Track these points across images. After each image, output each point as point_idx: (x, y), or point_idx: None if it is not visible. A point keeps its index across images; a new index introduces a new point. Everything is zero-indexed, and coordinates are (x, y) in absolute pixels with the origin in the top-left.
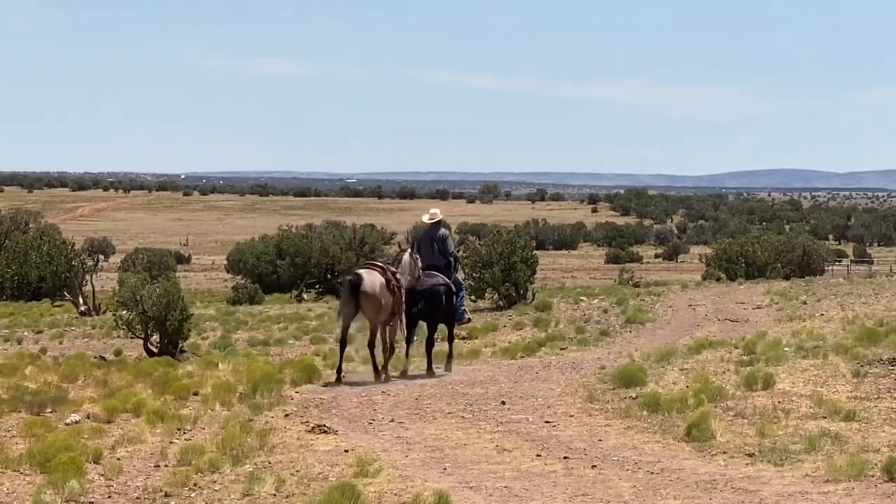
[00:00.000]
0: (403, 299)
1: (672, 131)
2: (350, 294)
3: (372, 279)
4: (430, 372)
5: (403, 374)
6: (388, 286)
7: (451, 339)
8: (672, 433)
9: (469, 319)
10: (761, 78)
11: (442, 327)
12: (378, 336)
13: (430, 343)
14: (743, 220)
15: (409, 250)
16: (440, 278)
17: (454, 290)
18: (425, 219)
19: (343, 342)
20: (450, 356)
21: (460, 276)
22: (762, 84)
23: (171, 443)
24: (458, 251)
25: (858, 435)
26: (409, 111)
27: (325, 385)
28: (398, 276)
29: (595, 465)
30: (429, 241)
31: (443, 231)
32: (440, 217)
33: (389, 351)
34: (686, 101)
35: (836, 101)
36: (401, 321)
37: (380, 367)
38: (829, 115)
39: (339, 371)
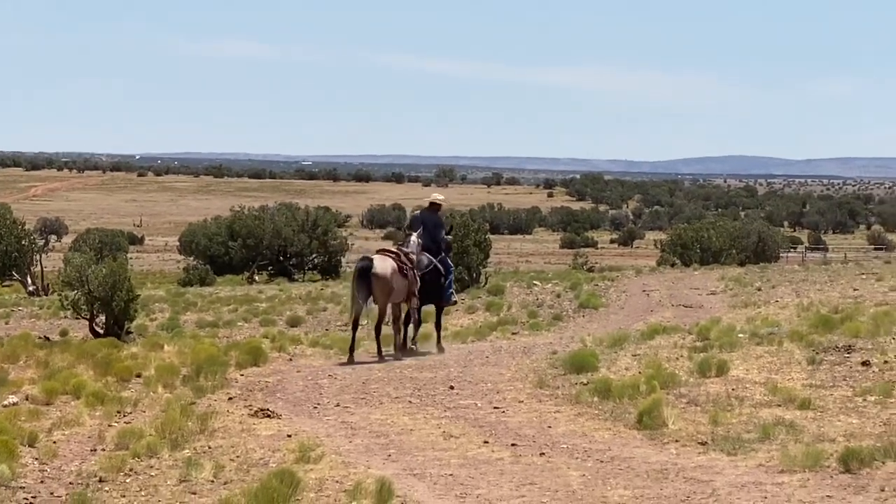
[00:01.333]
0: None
1: (629, 117)
2: (362, 278)
3: (384, 264)
4: (408, 349)
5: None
6: (400, 272)
7: (438, 320)
8: (623, 420)
9: (455, 301)
10: (718, 65)
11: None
12: (387, 318)
13: (416, 322)
14: (698, 206)
15: (415, 234)
16: (426, 259)
17: (442, 271)
18: (428, 201)
19: (355, 324)
20: (438, 337)
21: (449, 260)
22: (719, 71)
23: (109, 426)
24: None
25: (814, 424)
26: (366, 94)
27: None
28: (412, 256)
29: (543, 453)
30: (421, 223)
31: (439, 217)
32: (441, 201)
33: (416, 325)
34: (643, 87)
35: (793, 89)
36: (413, 305)
37: (397, 346)
38: (786, 102)
39: (351, 350)
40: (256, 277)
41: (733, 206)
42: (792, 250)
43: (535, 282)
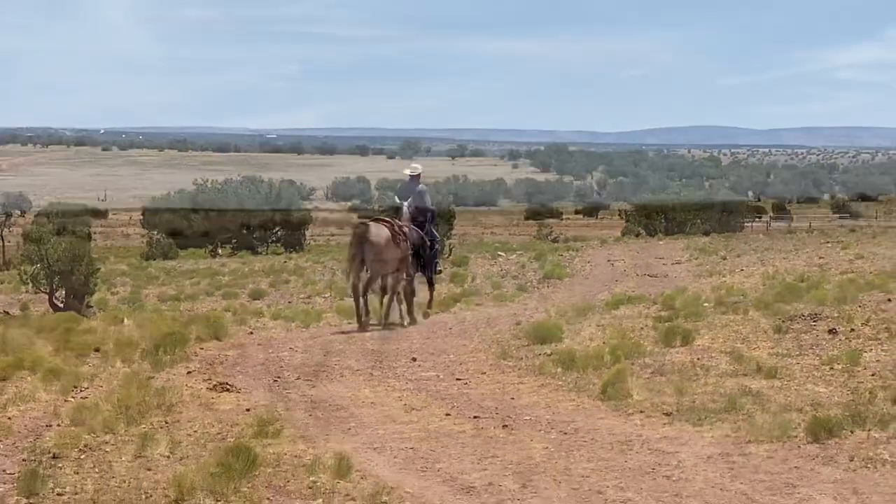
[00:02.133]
0: (410, 252)
1: (593, 87)
2: (358, 244)
3: (378, 231)
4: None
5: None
6: (394, 240)
7: (420, 289)
8: (587, 391)
9: (441, 271)
10: (682, 34)
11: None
12: (377, 285)
13: (408, 294)
14: (663, 176)
15: (407, 204)
16: (416, 232)
17: (427, 241)
18: (406, 172)
19: (356, 291)
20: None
21: (435, 230)
22: (683, 40)
23: (65, 401)
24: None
25: (780, 393)
26: (330, 66)
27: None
28: (404, 228)
29: (506, 425)
30: (407, 195)
31: (422, 186)
32: (420, 171)
33: (408, 296)
34: (607, 57)
35: (757, 59)
36: (409, 274)
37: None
38: (750, 72)
39: (359, 318)
40: (219, 251)
41: (698, 176)
42: (756, 220)
43: (499, 253)
